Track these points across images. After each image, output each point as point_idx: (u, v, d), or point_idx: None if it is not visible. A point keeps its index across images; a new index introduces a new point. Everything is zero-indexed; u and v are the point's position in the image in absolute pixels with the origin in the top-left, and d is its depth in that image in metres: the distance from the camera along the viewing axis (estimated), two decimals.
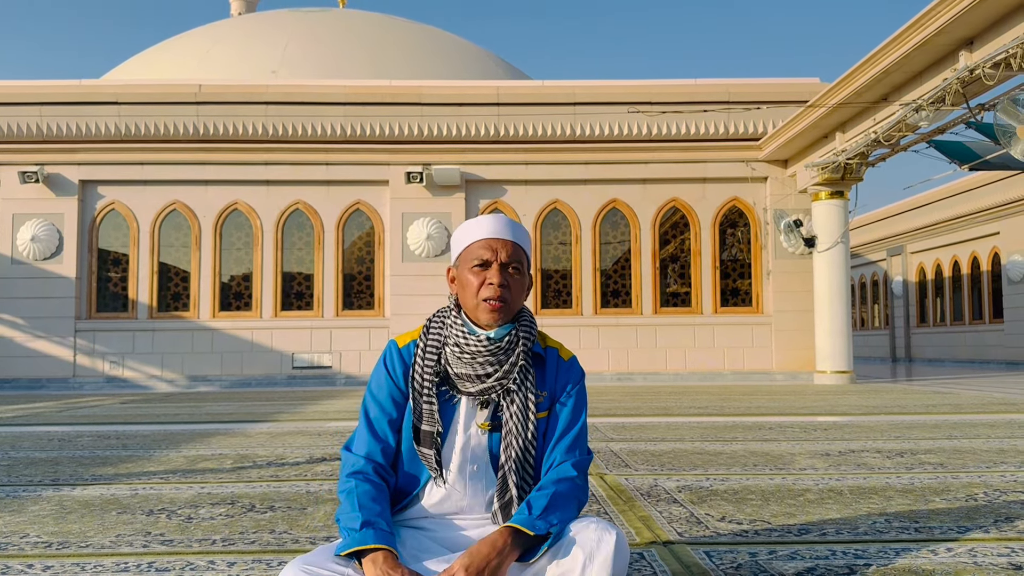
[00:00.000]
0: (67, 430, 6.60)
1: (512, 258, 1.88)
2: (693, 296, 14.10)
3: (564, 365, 1.98)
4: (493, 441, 1.89)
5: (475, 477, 1.90)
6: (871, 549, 2.52)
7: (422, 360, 1.91)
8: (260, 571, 2.36)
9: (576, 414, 1.95)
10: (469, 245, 1.91)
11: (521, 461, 1.86)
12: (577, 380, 1.98)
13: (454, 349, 1.88)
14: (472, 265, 1.88)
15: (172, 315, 13.78)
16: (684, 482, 3.80)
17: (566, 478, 1.86)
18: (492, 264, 1.87)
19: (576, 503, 1.86)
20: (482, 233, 1.90)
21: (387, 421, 1.92)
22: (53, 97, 13.48)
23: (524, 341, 1.90)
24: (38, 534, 2.85)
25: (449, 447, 1.90)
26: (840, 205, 12.93)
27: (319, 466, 4.45)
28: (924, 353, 23.09)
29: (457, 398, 1.90)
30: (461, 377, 1.88)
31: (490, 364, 1.87)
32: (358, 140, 13.79)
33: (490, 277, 1.86)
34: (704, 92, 13.80)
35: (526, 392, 1.88)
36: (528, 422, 1.87)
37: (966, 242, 20.84)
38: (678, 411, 7.85)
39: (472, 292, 1.88)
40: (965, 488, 3.56)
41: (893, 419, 6.85)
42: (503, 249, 1.88)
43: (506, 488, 1.86)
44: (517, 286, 1.89)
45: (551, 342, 2.02)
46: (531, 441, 1.87)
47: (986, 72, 8.52)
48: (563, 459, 1.90)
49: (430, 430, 1.87)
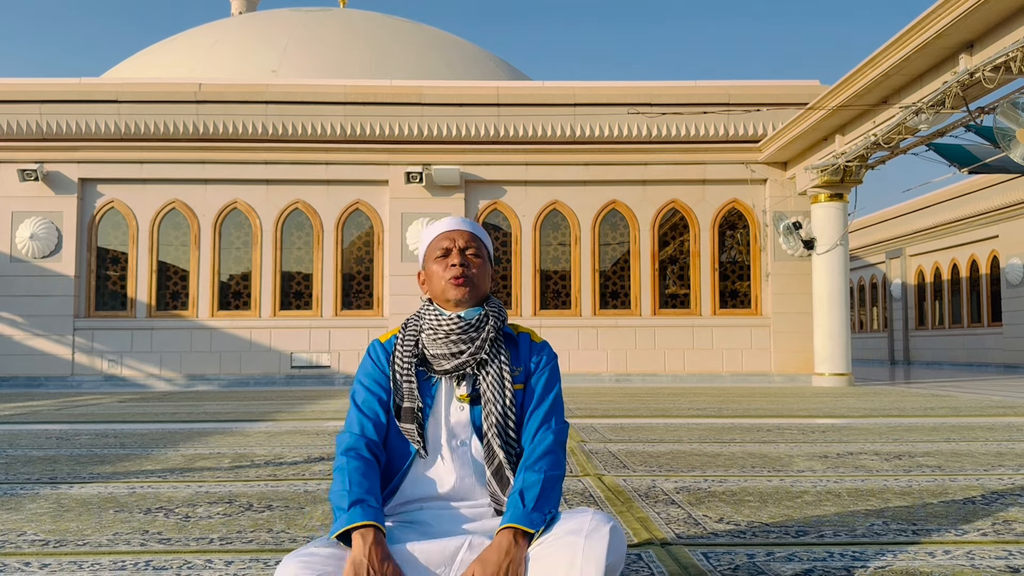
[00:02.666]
0: (65, 428, 6.60)
1: (470, 243, 2.06)
2: (692, 298, 14.11)
3: (536, 346, 2.11)
4: (475, 415, 2.00)
5: (461, 451, 2.00)
6: (869, 551, 2.52)
7: (401, 346, 2.05)
8: (257, 570, 2.35)
9: (550, 385, 2.06)
10: (430, 242, 2.10)
11: (503, 427, 1.96)
12: (550, 357, 2.10)
13: (429, 332, 2.02)
14: (436, 256, 2.06)
15: (171, 314, 13.77)
16: (682, 483, 3.80)
17: (547, 451, 1.96)
18: (452, 250, 2.05)
19: (560, 478, 1.95)
20: (440, 229, 2.10)
21: (376, 400, 2.03)
22: (53, 95, 13.47)
23: (494, 319, 2.04)
24: (35, 532, 2.85)
25: (434, 426, 2.00)
26: (839, 207, 12.93)
27: (317, 465, 4.45)
28: (922, 356, 23.10)
29: (436, 379, 2.02)
30: (437, 357, 2.01)
31: (463, 342, 1.99)
32: (358, 140, 13.79)
33: (451, 260, 2.04)
34: (704, 94, 13.81)
35: (500, 363, 2.01)
36: (505, 389, 1.98)
37: (965, 245, 20.85)
38: (676, 412, 7.85)
39: (438, 279, 2.04)
40: (963, 491, 3.56)
41: (891, 421, 6.85)
42: (460, 237, 2.07)
43: (493, 454, 1.96)
44: (479, 269, 2.06)
45: (523, 329, 2.14)
46: (510, 407, 1.98)
47: (986, 75, 8.53)
48: (540, 427, 2.00)
49: (411, 406, 1.98)
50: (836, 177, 12.46)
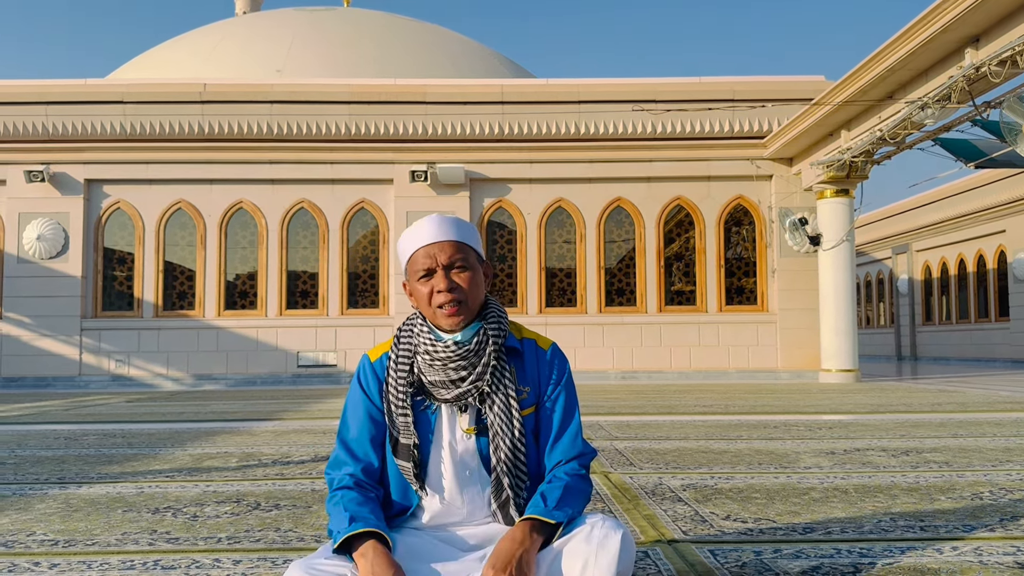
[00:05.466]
0: (73, 428, 6.62)
1: (453, 258, 1.83)
2: (698, 294, 14.09)
3: (544, 356, 1.94)
4: (481, 444, 1.86)
5: (470, 482, 1.87)
6: (876, 548, 2.52)
7: (395, 372, 1.87)
8: (265, 569, 2.36)
9: (569, 410, 1.92)
10: (410, 257, 1.87)
11: (512, 461, 1.83)
12: (562, 371, 1.94)
13: (424, 357, 1.85)
14: (418, 277, 1.85)
15: (177, 314, 13.81)
16: (689, 480, 3.79)
17: (575, 474, 1.86)
18: (435, 271, 1.83)
19: (584, 499, 1.86)
20: (419, 241, 1.85)
21: (367, 440, 1.89)
22: (58, 96, 13.51)
23: (494, 340, 1.85)
24: (44, 532, 2.86)
25: (436, 457, 1.86)
26: (845, 203, 12.90)
27: (324, 464, 4.45)
28: (929, 351, 23.03)
29: (435, 406, 1.86)
30: (435, 384, 1.84)
31: (463, 368, 1.83)
32: (363, 139, 13.80)
33: (436, 284, 1.83)
34: (709, 90, 13.78)
35: (506, 391, 1.84)
36: (512, 420, 1.83)
37: (972, 240, 20.77)
38: (683, 409, 7.84)
39: (425, 303, 1.85)
40: (971, 487, 3.55)
41: (898, 417, 6.83)
42: (441, 252, 1.83)
43: (501, 488, 1.84)
44: (469, 283, 1.84)
45: (527, 333, 1.97)
46: (519, 439, 1.84)
47: (992, 69, 8.50)
48: (568, 457, 1.89)
49: (407, 443, 1.84)
50: (842, 173, 12.43)
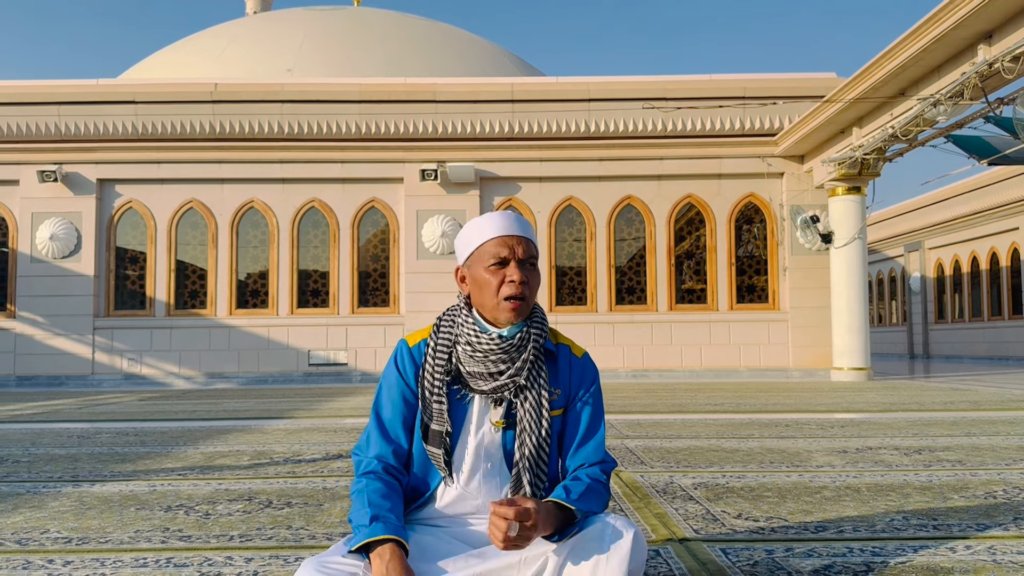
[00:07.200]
0: (86, 427, 6.67)
1: (528, 254, 1.86)
2: (709, 293, 14.05)
3: (577, 363, 1.96)
4: (507, 439, 1.88)
5: (489, 475, 1.89)
6: (889, 547, 2.51)
7: (433, 359, 1.89)
8: (277, 567, 2.37)
9: (596, 418, 1.95)
10: (483, 243, 1.87)
11: (535, 459, 1.85)
12: (592, 380, 1.97)
13: (466, 348, 1.86)
14: (489, 264, 1.85)
15: (189, 313, 13.87)
16: (700, 479, 3.79)
17: (596, 478, 1.88)
18: (510, 261, 1.84)
19: (602, 503, 1.87)
20: (496, 231, 1.86)
21: (400, 422, 1.90)
22: (70, 97, 13.58)
23: (536, 338, 1.88)
24: (58, 530, 2.88)
25: (462, 445, 1.88)
26: (857, 201, 12.84)
27: (335, 462, 4.47)
28: (942, 350, 22.91)
29: (469, 396, 1.88)
30: (473, 375, 1.86)
31: (502, 362, 1.84)
32: (373, 138, 13.82)
33: (510, 274, 1.83)
34: (719, 87, 13.74)
35: (539, 389, 1.86)
36: (542, 419, 1.85)
37: (985, 237, 20.65)
38: (694, 408, 7.83)
39: (492, 291, 1.84)
40: (984, 485, 3.53)
41: (911, 416, 6.80)
42: (519, 246, 1.85)
43: (520, 486, 1.85)
44: (535, 282, 1.87)
45: (562, 339, 2.00)
46: (545, 439, 1.86)
47: (1005, 66, 8.44)
48: (591, 462, 1.91)
49: (439, 429, 1.85)
50: (853, 170, 12.37)
